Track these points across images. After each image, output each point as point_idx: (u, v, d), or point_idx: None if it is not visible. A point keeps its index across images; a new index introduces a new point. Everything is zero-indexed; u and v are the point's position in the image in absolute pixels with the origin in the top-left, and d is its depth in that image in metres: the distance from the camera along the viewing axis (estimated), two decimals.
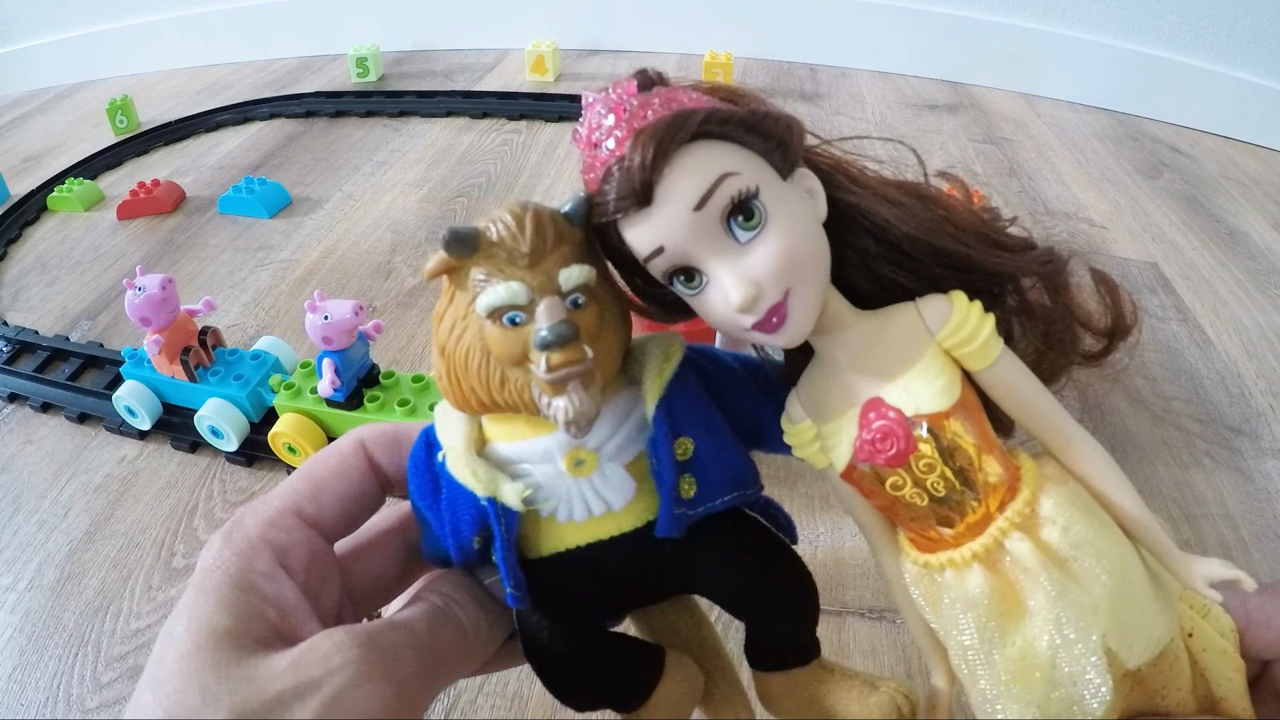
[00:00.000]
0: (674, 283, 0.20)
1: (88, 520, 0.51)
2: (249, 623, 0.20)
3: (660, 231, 0.19)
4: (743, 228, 0.19)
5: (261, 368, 0.55)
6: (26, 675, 0.42)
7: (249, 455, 0.54)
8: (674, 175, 0.19)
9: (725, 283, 0.19)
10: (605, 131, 0.20)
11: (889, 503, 0.22)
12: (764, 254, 0.19)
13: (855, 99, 1.10)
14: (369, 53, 1.22)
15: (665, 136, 0.18)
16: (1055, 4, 1.08)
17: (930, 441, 0.20)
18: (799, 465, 0.53)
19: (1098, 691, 0.20)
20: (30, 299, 0.75)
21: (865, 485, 0.22)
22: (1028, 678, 0.20)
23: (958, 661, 0.22)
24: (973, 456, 0.20)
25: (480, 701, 0.40)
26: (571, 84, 1.18)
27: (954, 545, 0.21)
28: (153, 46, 1.38)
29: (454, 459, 0.21)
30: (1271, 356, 0.62)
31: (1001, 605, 0.21)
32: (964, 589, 0.21)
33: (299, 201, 0.89)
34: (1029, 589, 0.20)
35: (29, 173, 1.02)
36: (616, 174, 0.19)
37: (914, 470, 0.20)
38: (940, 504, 0.21)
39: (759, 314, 0.19)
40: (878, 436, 0.20)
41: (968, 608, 0.21)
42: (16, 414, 0.61)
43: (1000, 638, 0.21)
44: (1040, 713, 0.21)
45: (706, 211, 0.19)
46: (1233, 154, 0.97)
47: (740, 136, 0.19)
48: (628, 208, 0.19)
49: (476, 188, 0.90)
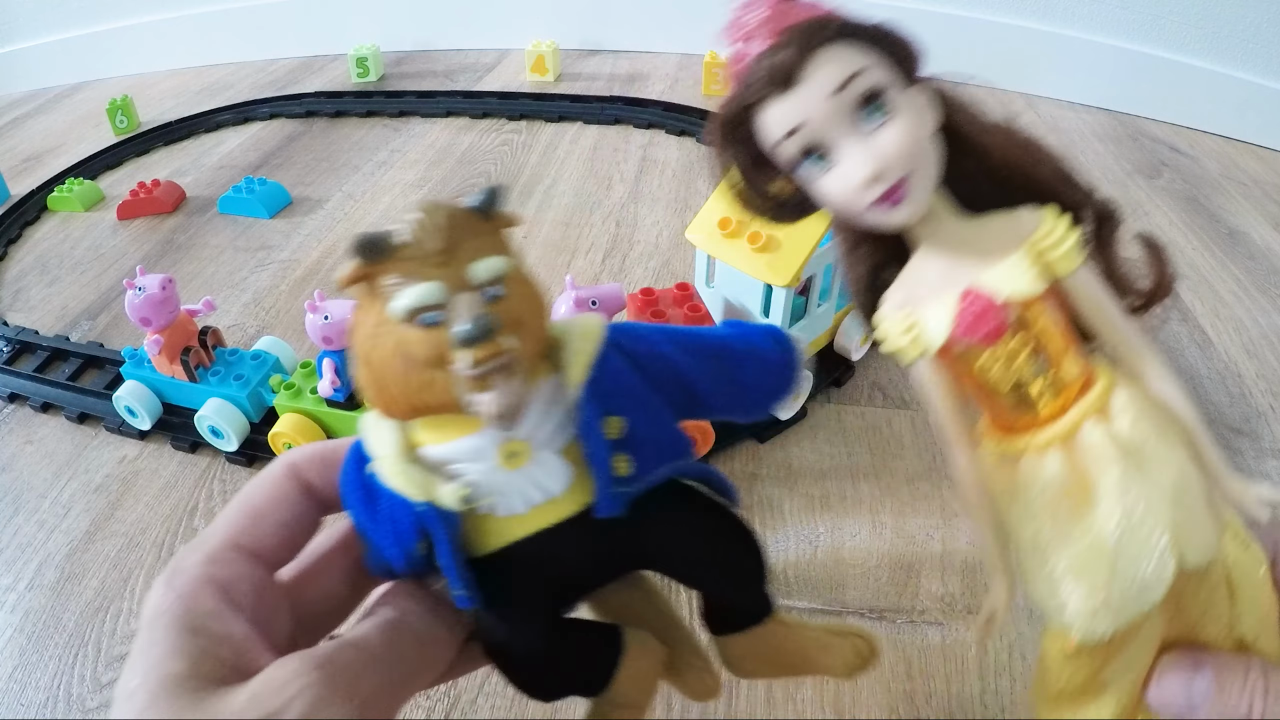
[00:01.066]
0: (803, 163, 0.23)
1: (88, 520, 0.51)
2: (202, 664, 0.19)
3: (800, 110, 0.22)
4: (871, 116, 0.22)
5: (261, 368, 0.55)
6: (26, 675, 0.42)
7: (249, 455, 0.54)
8: (816, 64, 0.22)
9: (855, 159, 0.22)
10: (758, 25, 0.23)
11: (975, 386, 0.24)
12: (890, 136, 0.22)
13: None
14: (369, 53, 1.22)
15: (812, 31, 0.22)
16: (1055, 4, 1.08)
17: (1020, 325, 0.23)
18: (799, 465, 0.53)
19: (1160, 576, 0.22)
20: (30, 299, 0.75)
21: (954, 369, 0.24)
22: (1094, 564, 0.22)
23: (1026, 552, 0.24)
24: (1056, 346, 0.23)
25: (480, 701, 0.40)
26: (571, 84, 1.18)
27: (1032, 432, 0.23)
28: (153, 46, 1.38)
29: (387, 468, 0.21)
30: (1271, 356, 0.62)
31: (1074, 490, 0.23)
32: (1040, 473, 0.23)
33: (299, 201, 0.89)
34: (1100, 475, 0.22)
35: (29, 173, 1.02)
36: (766, 61, 0.22)
37: (1003, 351, 0.23)
38: (1023, 389, 0.23)
39: (884, 186, 0.22)
40: (975, 314, 0.23)
41: (1042, 491, 0.23)
42: (16, 414, 0.61)
43: (1070, 524, 0.23)
44: (1104, 601, 0.22)
45: (842, 97, 0.22)
46: (1233, 154, 0.97)
47: (873, 43, 0.22)
48: (773, 90, 0.22)
49: (476, 188, 0.90)
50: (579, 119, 1.05)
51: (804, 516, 0.49)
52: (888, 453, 0.53)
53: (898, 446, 0.53)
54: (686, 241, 0.51)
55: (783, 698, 0.39)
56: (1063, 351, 0.23)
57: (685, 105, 1.04)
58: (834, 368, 0.58)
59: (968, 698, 0.39)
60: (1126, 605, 0.22)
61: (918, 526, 0.48)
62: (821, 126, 0.22)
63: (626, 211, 0.83)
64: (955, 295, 0.23)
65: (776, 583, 0.45)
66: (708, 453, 0.51)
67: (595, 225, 0.81)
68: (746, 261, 0.47)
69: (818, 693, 0.39)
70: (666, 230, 0.79)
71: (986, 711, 0.38)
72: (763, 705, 0.39)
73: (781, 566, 0.46)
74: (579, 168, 0.93)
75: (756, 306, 0.49)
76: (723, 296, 0.51)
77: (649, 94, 1.12)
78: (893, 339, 0.25)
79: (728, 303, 0.51)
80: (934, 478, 0.51)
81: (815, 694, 0.39)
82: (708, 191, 0.86)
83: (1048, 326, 0.23)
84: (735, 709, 0.39)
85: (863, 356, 0.60)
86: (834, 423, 0.55)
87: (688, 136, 1.00)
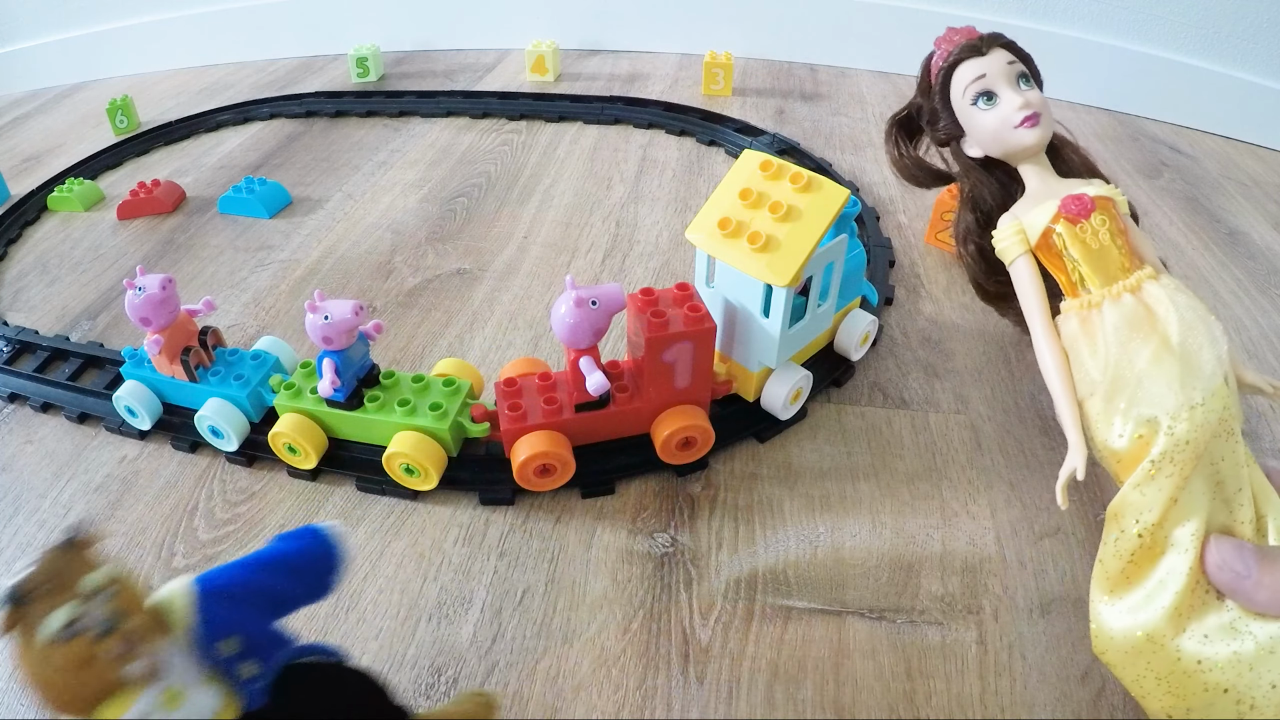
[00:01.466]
0: (977, 101, 0.43)
1: (88, 520, 0.51)
2: None
3: (984, 66, 0.43)
4: (1024, 83, 0.43)
5: (262, 368, 0.55)
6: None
7: (249, 455, 0.54)
8: (993, 50, 0.44)
9: (1013, 100, 0.42)
10: (962, 31, 0.45)
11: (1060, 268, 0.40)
12: (1035, 93, 0.43)
13: (855, 99, 1.10)
14: (369, 53, 1.22)
15: (994, 36, 0.44)
16: (1055, 4, 1.08)
17: (1100, 212, 0.39)
18: (799, 465, 0.53)
19: (1216, 362, 0.34)
20: (30, 299, 0.75)
21: (1051, 251, 0.40)
22: (1162, 369, 0.34)
23: (1106, 377, 0.35)
24: (1123, 232, 0.39)
25: None
26: (571, 84, 1.18)
27: (1105, 290, 0.37)
28: (153, 46, 1.38)
29: None
30: (1271, 356, 0.62)
31: (1142, 317, 0.36)
32: (1118, 309, 0.36)
33: (299, 201, 0.89)
34: (1162, 309, 0.36)
35: (29, 173, 1.02)
36: (967, 42, 0.44)
37: (1089, 227, 0.39)
38: (1102, 257, 0.38)
39: (1030, 111, 0.42)
40: (1074, 199, 0.39)
41: (1119, 320, 0.36)
42: (16, 414, 0.61)
43: (1143, 342, 0.35)
44: (1182, 401, 0.33)
45: (1009, 68, 0.43)
46: (1233, 154, 0.97)
47: (1024, 57, 0.44)
48: (970, 55, 0.44)
49: (476, 188, 0.90)
50: (579, 119, 1.05)
51: (804, 516, 0.49)
52: (888, 453, 0.53)
53: (898, 446, 0.53)
54: (686, 241, 0.51)
55: (783, 698, 0.39)
56: (1122, 233, 0.39)
57: (685, 105, 1.04)
58: (834, 368, 0.58)
59: (968, 698, 0.39)
60: (1194, 393, 0.33)
61: (918, 526, 0.48)
62: (994, 79, 0.43)
63: (626, 211, 0.83)
64: (1055, 202, 0.40)
65: (777, 582, 0.45)
66: (707, 453, 0.52)
67: (595, 225, 0.81)
68: (746, 261, 0.47)
69: (818, 692, 0.39)
70: (666, 230, 0.79)
71: (986, 711, 0.39)
72: (763, 705, 0.39)
73: (781, 566, 0.46)
74: (579, 168, 0.93)
75: (756, 306, 0.49)
76: (723, 296, 0.51)
77: (649, 94, 1.12)
78: (1003, 239, 0.42)
79: (728, 303, 0.51)
80: (934, 478, 0.51)
81: (815, 694, 0.39)
82: (708, 191, 0.86)
83: (1115, 218, 0.39)
84: (735, 709, 0.39)
85: (863, 356, 0.60)
86: (834, 423, 0.55)
87: (688, 136, 1.00)
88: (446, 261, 0.76)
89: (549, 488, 0.50)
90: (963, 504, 0.49)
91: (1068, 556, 0.45)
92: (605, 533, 0.48)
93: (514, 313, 0.68)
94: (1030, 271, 0.41)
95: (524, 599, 0.45)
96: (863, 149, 0.96)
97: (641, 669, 0.41)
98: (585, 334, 0.46)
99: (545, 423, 0.49)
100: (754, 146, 0.91)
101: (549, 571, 0.46)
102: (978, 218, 0.48)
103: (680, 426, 0.49)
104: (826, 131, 1.01)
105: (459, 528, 0.49)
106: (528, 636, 0.43)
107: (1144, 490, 0.33)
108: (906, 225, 0.79)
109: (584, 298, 0.45)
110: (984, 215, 0.47)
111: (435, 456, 0.49)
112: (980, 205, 0.47)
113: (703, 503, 0.50)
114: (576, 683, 0.40)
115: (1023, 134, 0.42)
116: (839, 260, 0.52)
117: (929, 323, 0.65)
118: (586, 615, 0.44)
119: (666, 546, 0.47)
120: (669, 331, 0.46)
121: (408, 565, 0.47)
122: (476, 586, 0.45)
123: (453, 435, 0.50)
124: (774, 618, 0.43)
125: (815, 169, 0.85)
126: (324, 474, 0.53)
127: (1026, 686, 0.39)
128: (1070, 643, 0.41)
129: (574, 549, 0.47)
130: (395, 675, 0.41)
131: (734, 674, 0.40)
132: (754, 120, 1.02)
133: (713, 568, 0.46)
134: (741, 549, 0.47)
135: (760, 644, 0.42)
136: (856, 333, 0.57)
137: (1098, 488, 0.49)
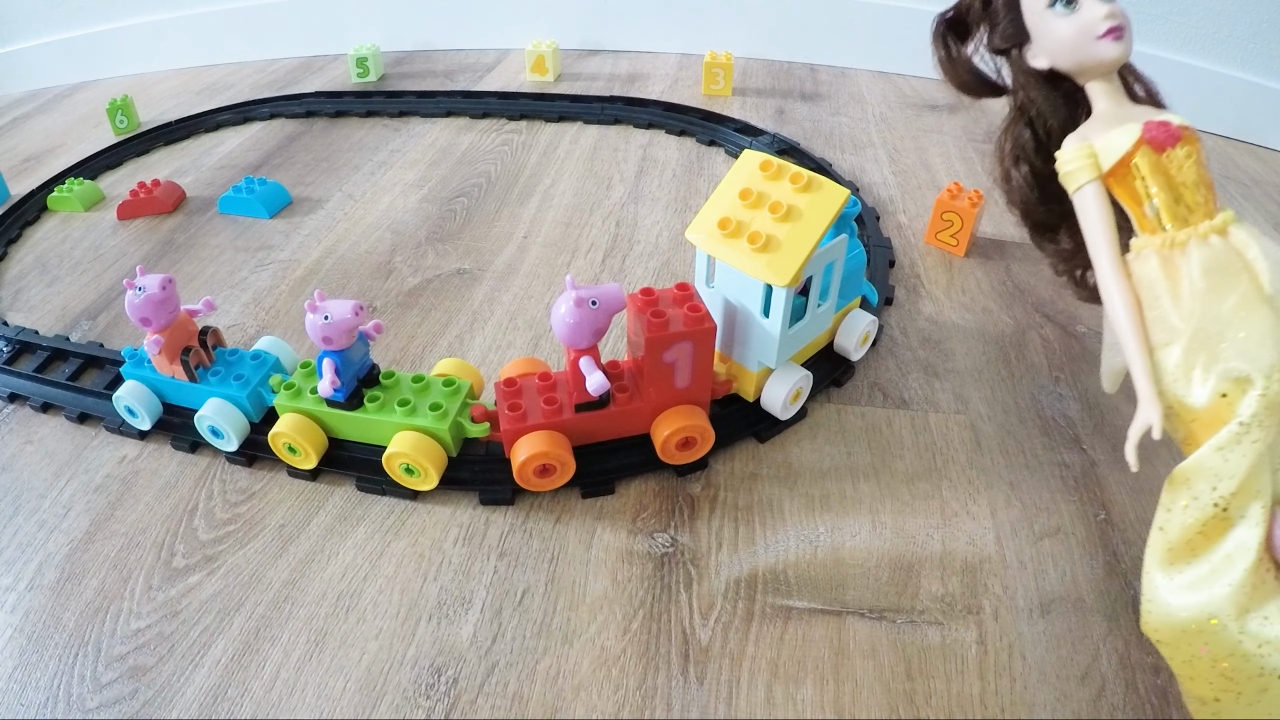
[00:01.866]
0: (1055, 4, 0.38)
1: (88, 520, 0.51)
2: None
3: None
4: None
5: (261, 368, 0.55)
6: (26, 675, 0.42)
7: (249, 455, 0.54)
8: None
9: (1097, 9, 0.38)
10: None
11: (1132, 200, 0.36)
12: (1119, 4, 0.38)
13: (855, 99, 1.10)
14: (369, 53, 1.22)
15: None
16: None
17: (1186, 143, 0.36)
18: (799, 465, 0.53)
19: None
20: (30, 299, 0.75)
21: (1125, 180, 0.36)
22: (1255, 322, 0.31)
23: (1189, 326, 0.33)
24: (1202, 163, 0.36)
25: (480, 701, 0.40)
26: (571, 84, 1.18)
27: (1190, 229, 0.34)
28: (153, 46, 1.38)
29: None
30: None
31: (1233, 265, 0.33)
32: (1206, 251, 0.34)
33: (299, 201, 0.89)
34: (1252, 254, 0.33)
35: (29, 173, 1.02)
36: None
37: (1175, 157, 0.35)
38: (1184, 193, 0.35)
39: (1114, 22, 0.37)
40: (1160, 125, 0.36)
41: (1208, 264, 0.33)
42: (16, 414, 0.61)
43: (1231, 289, 0.32)
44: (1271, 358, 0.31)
45: None
46: (1233, 154, 0.97)
47: None
48: None
49: (476, 188, 0.90)
50: (579, 119, 1.05)
51: (804, 516, 0.49)
52: (888, 453, 0.53)
53: (898, 446, 0.53)
54: (686, 241, 0.51)
55: (783, 698, 0.39)
56: (1204, 165, 0.36)
57: (685, 105, 1.04)
58: (834, 368, 0.58)
59: (968, 698, 0.39)
60: None
61: (918, 526, 0.48)
62: None
63: (626, 211, 0.83)
64: (1137, 126, 0.36)
65: (777, 582, 0.45)
66: (707, 453, 0.52)
67: (595, 225, 0.81)
68: (746, 261, 0.47)
69: (818, 692, 0.39)
70: (666, 230, 0.79)
71: (986, 711, 0.39)
72: (763, 705, 0.39)
73: (782, 566, 0.46)
74: (579, 168, 0.93)
75: (756, 306, 0.49)
76: (723, 296, 0.51)
77: (649, 94, 1.12)
78: (1069, 161, 0.38)
79: (728, 303, 0.51)
80: (934, 478, 0.51)
81: (815, 694, 0.39)
82: (708, 191, 0.86)
83: (1199, 151, 0.36)
84: (735, 709, 0.39)
85: (863, 356, 0.60)
86: (834, 423, 0.55)
87: (688, 136, 1.00)
88: (446, 261, 0.76)
89: (549, 488, 0.50)
90: (963, 504, 0.49)
91: (1068, 556, 0.45)
92: (605, 533, 0.48)
93: (514, 313, 0.68)
94: (1100, 200, 0.37)
95: (524, 599, 0.45)
96: (863, 149, 0.96)
97: (641, 669, 0.41)
98: (585, 334, 0.46)
99: (545, 423, 0.49)
100: (754, 146, 0.91)
101: (549, 571, 0.46)
102: (1035, 135, 0.43)
103: (680, 426, 0.49)
104: (826, 131, 1.01)
105: (459, 528, 0.49)
106: (528, 636, 0.43)
107: (1228, 455, 0.30)
108: (906, 225, 0.79)
109: (584, 298, 0.45)
110: (1043, 134, 0.43)
111: (435, 456, 0.49)
112: (1039, 123, 0.43)
113: (703, 503, 0.50)
114: (576, 683, 0.40)
115: (1105, 46, 0.37)
116: (839, 260, 0.52)
117: (929, 323, 0.65)
118: (586, 615, 0.44)
119: (666, 546, 0.47)
120: (669, 331, 0.46)
121: (408, 565, 0.47)
122: (476, 586, 0.45)
123: (453, 435, 0.50)
124: (774, 618, 0.43)
125: (815, 169, 0.86)
126: (324, 474, 0.53)
127: (1026, 686, 0.39)
128: (1070, 643, 0.41)
129: (574, 549, 0.47)
130: (395, 675, 0.41)
131: (734, 674, 0.40)
132: (754, 120, 1.02)
133: (713, 568, 0.46)
134: (741, 549, 0.47)
135: (760, 644, 0.42)
136: (856, 333, 0.57)
137: (1098, 486, 0.49)
